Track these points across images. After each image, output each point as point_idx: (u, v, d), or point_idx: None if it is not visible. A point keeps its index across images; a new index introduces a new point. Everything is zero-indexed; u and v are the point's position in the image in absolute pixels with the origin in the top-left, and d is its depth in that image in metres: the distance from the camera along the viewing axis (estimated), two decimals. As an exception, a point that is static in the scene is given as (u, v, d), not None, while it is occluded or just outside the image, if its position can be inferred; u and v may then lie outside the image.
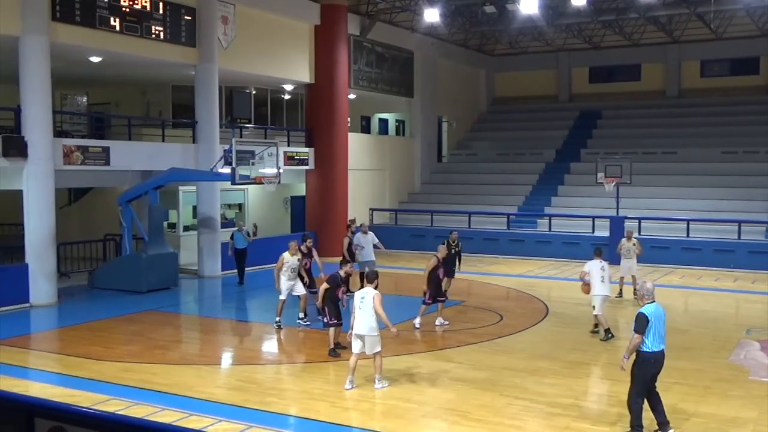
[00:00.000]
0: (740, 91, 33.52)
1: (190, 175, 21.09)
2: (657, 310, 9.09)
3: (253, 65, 23.64)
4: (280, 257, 14.88)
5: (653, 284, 9.44)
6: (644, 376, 9.00)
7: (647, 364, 8.96)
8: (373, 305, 10.88)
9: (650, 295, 9.18)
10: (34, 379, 11.92)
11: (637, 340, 8.96)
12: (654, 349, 8.94)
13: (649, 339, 8.91)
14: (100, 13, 18.51)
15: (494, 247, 26.75)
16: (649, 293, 9.20)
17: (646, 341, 8.91)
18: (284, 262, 14.77)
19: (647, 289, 9.26)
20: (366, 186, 29.59)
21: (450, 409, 10.30)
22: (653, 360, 8.96)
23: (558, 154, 33.43)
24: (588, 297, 14.50)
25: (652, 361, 8.96)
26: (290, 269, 14.84)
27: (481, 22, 31.34)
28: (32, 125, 17.17)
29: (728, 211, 25.92)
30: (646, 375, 9.00)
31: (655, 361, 8.98)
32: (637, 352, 9.04)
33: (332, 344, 12.94)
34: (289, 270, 14.82)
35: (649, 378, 9.04)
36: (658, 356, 8.98)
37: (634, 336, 9.02)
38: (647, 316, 8.93)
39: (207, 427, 9.41)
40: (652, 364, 8.97)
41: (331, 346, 12.94)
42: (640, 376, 9.04)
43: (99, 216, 24.35)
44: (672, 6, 28.43)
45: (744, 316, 17.21)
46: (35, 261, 17.40)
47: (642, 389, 9.07)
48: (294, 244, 15.26)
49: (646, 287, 9.32)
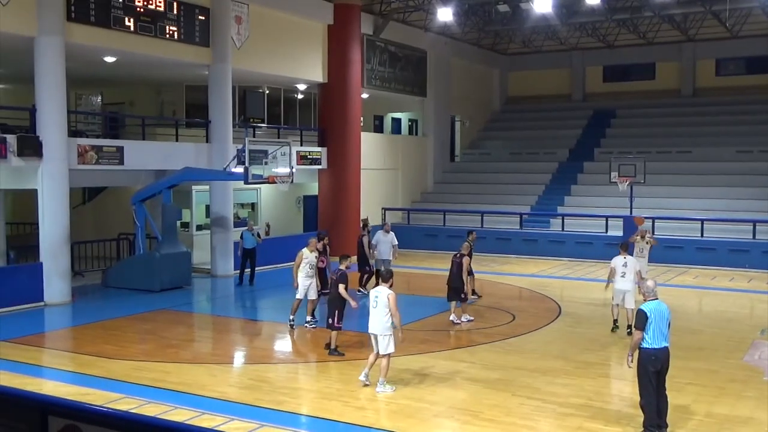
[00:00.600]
0: (755, 89, 33.25)
1: (203, 175, 21.16)
2: (659, 307, 9.17)
3: (267, 65, 23.69)
4: (298, 253, 14.92)
5: (655, 282, 9.58)
6: (644, 371, 9.07)
7: (647, 361, 9.04)
8: (388, 304, 10.87)
9: (651, 293, 9.31)
10: (47, 377, 12.02)
11: (637, 336, 9.10)
12: (654, 346, 9.00)
13: (648, 335, 9.01)
14: (115, 13, 18.61)
15: (507, 246, 26.69)
16: (649, 291, 9.34)
17: (646, 337, 9.02)
18: (303, 258, 14.81)
19: (648, 287, 9.43)
20: (379, 185, 29.59)
21: (462, 409, 10.29)
22: (653, 357, 9.01)
23: (571, 153, 33.32)
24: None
25: (652, 358, 9.01)
26: (308, 266, 14.88)
27: (494, 21, 31.29)
28: (47, 125, 17.28)
29: (743, 211, 25.76)
30: (646, 371, 9.06)
31: (655, 357, 9.01)
32: (639, 348, 9.12)
33: (334, 345, 12.96)
34: (308, 266, 14.86)
35: (650, 374, 9.05)
36: (658, 353, 9.02)
37: (635, 332, 9.20)
38: (646, 313, 9.06)
39: (219, 425, 9.43)
40: (651, 361, 9.02)
41: (333, 346, 12.95)
42: (640, 372, 9.13)
43: (113, 215, 24.48)
44: (687, 4, 28.27)
45: (759, 316, 17.08)
46: (49, 260, 17.51)
47: (645, 387, 9.09)
48: (314, 240, 15.33)
49: (647, 285, 9.50)
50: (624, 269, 14.53)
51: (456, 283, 15.52)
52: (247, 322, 17.49)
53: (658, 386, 9.11)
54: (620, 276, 14.54)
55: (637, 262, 15.15)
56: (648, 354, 9.03)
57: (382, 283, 11.41)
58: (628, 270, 14.53)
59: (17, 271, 17.95)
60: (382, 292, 11.08)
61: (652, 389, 9.06)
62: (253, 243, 20.27)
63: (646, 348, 9.04)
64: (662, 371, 9.13)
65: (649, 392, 9.06)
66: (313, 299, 15.09)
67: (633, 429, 9.40)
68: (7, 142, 16.57)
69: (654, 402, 9.08)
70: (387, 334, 10.91)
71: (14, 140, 16.75)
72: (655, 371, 9.05)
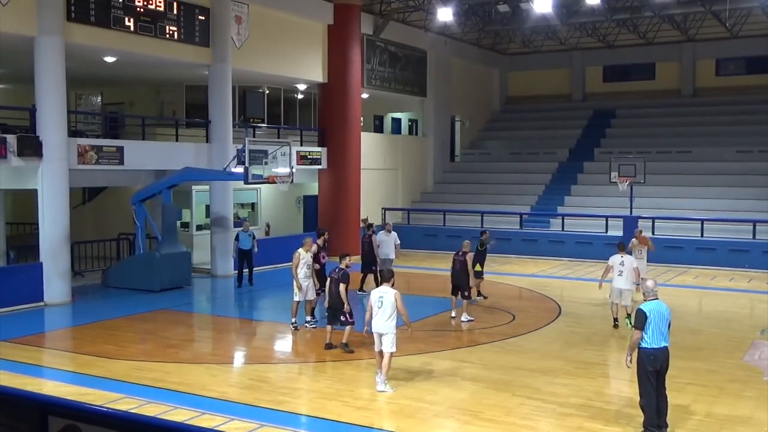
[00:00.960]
0: (755, 89, 33.25)
1: (203, 175, 21.16)
2: (658, 306, 9.20)
3: (266, 65, 23.69)
4: (294, 254, 14.91)
5: (654, 282, 9.63)
6: (643, 371, 9.09)
7: (645, 360, 9.06)
8: (395, 304, 10.94)
9: (651, 293, 9.35)
10: (47, 377, 12.02)
11: (636, 336, 9.13)
12: (653, 345, 9.03)
13: (648, 335, 9.04)
14: (115, 13, 18.61)
15: (507, 246, 26.63)
16: (649, 291, 9.39)
17: (645, 337, 9.04)
18: (300, 259, 14.81)
19: (647, 287, 9.48)
20: (379, 185, 29.59)
21: (462, 409, 10.29)
22: (651, 356, 9.03)
23: (571, 153, 33.31)
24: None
25: (651, 357, 9.03)
26: (306, 266, 14.88)
27: (494, 21, 31.30)
28: (47, 125, 17.28)
29: (743, 211, 25.76)
30: (645, 371, 9.08)
31: (653, 357, 9.03)
32: (638, 348, 9.15)
33: (346, 340, 12.99)
34: (305, 266, 14.87)
35: (649, 374, 9.07)
36: (657, 353, 9.04)
37: (634, 332, 9.23)
38: (646, 313, 9.09)
39: (219, 425, 9.43)
40: (650, 360, 9.04)
41: (344, 341, 12.98)
42: (639, 372, 9.15)
43: (113, 215, 24.49)
44: (687, 4, 28.28)
45: (758, 316, 17.08)
46: (49, 260, 17.51)
47: (644, 386, 9.11)
48: (309, 240, 15.33)
49: (646, 285, 9.54)
50: (621, 267, 14.85)
51: (460, 280, 15.60)
52: (247, 322, 17.49)
53: (657, 386, 9.12)
54: (617, 274, 14.89)
55: (634, 261, 15.33)
56: (647, 354, 9.05)
57: (383, 282, 11.42)
58: (625, 269, 14.82)
59: (17, 271, 17.96)
60: (388, 292, 11.09)
61: (651, 389, 9.07)
62: (249, 244, 20.12)
63: (644, 348, 9.06)
64: (661, 371, 9.14)
65: (649, 392, 9.08)
66: (311, 299, 15.10)
67: (633, 429, 9.40)
68: (7, 142, 16.58)
69: (654, 402, 9.08)
70: (392, 332, 10.95)
71: (14, 140, 16.75)
72: (654, 371, 9.06)
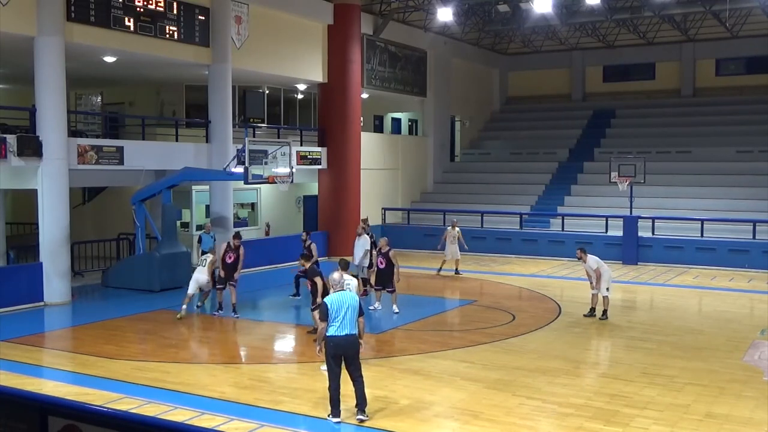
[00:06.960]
0: (755, 89, 33.25)
1: (203, 175, 21.15)
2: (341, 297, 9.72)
3: (266, 65, 23.68)
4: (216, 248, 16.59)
5: (341, 275, 10.48)
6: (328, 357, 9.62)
7: (331, 347, 9.54)
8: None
9: (338, 285, 9.94)
10: (47, 377, 12.00)
11: (322, 326, 9.63)
12: (338, 333, 9.51)
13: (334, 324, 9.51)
14: (115, 13, 18.60)
15: (507, 246, 26.68)
16: (336, 283, 9.98)
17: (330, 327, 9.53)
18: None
19: (334, 279, 10.14)
20: (378, 185, 29.59)
21: (462, 409, 10.28)
22: (334, 344, 9.48)
23: (571, 153, 33.32)
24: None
25: (333, 345, 9.48)
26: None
27: (494, 21, 31.30)
28: (47, 125, 17.27)
29: (743, 211, 25.76)
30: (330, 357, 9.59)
31: (336, 345, 9.49)
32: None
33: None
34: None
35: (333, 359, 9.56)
36: (340, 340, 9.49)
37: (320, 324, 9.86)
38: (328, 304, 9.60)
39: (219, 425, 9.43)
40: (333, 348, 9.50)
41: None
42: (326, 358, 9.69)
43: (112, 215, 24.49)
44: (687, 4, 28.28)
45: (759, 316, 17.06)
46: (49, 260, 17.51)
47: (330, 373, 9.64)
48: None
49: (333, 278, 10.27)
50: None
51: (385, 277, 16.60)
52: (246, 322, 17.47)
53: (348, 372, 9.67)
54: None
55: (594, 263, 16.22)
56: (332, 341, 9.52)
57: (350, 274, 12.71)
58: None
59: (17, 271, 17.94)
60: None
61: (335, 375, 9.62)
62: (211, 245, 18.85)
63: (330, 336, 9.54)
64: (348, 357, 9.62)
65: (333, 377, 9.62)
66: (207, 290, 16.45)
67: (633, 429, 9.39)
68: (7, 142, 16.57)
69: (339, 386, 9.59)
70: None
71: (14, 140, 16.74)
72: (338, 356, 9.54)
